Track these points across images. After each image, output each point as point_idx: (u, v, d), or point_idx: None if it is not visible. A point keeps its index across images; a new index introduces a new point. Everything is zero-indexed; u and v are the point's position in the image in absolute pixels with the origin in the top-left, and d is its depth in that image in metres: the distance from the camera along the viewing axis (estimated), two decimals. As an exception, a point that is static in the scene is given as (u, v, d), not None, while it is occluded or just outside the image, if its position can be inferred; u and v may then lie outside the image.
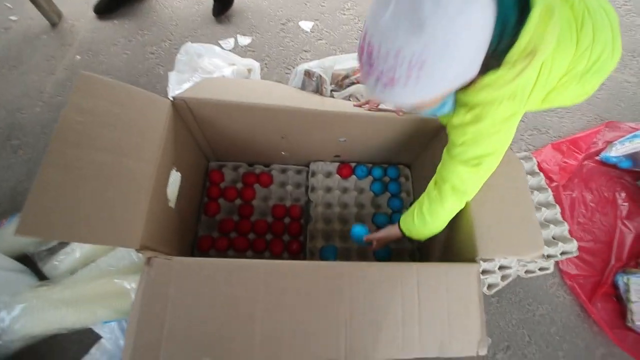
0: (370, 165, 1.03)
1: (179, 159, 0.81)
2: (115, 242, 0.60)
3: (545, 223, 0.95)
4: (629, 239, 1.13)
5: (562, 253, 0.93)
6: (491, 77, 0.47)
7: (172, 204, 0.78)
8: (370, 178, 1.02)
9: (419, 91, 0.41)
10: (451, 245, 0.74)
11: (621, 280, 1.06)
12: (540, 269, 0.98)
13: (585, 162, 1.26)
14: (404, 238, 0.73)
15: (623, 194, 1.21)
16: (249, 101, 0.76)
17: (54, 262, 0.89)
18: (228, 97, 0.76)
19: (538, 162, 1.20)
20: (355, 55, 1.04)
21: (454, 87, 0.44)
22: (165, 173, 0.74)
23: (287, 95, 0.82)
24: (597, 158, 1.27)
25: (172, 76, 1.15)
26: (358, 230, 0.82)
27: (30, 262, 0.92)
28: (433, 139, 0.87)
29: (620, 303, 1.06)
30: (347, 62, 1.08)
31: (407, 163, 1.06)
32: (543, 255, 0.95)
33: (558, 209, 0.99)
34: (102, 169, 0.61)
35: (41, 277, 0.92)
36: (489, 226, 0.66)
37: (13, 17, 1.38)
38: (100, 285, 0.81)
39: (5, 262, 0.89)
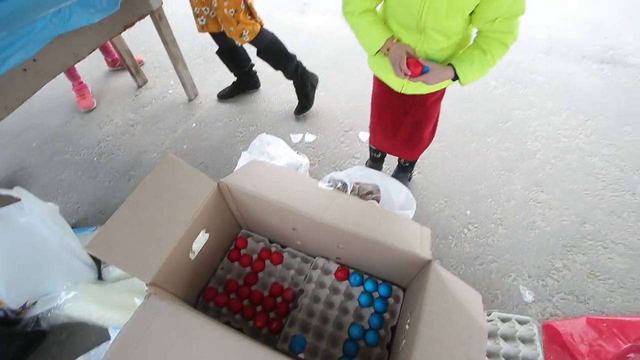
0: (366, 276, 1.11)
1: (212, 224, 1.06)
2: (135, 273, 0.83)
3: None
4: None
5: None
6: None
7: (192, 256, 1.01)
8: (361, 288, 1.09)
9: None
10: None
11: None
12: None
13: (631, 355, 1.06)
14: (455, 79, 0.88)
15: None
16: (267, 195, 0.98)
17: (109, 268, 1.20)
18: (254, 188, 1.00)
19: (561, 332, 1.07)
20: (380, 173, 1.21)
21: None
22: (195, 232, 0.98)
23: (300, 194, 1.01)
24: (650, 356, 1.06)
25: (244, 155, 1.50)
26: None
27: (98, 261, 1.25)
28: (421, 272, 0.93)
29: None
30: (374, 177, 1.25)
31: (403, 286, 1.10)
32: None
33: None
34: (153, 219, 0.88)
35: (99, 275, 1.24)
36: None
37: (170, 91, 2.03)
38: (124, 298, 1.06)
39: (83, 255, 1.22)
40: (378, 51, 0.94)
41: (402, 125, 1.18)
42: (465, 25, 0.86)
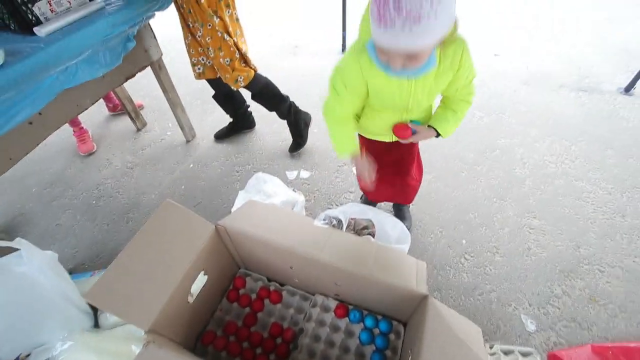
0: (366, 312, 1.11)
1: (210, 265, 1.06)
2: (133, 321, 0.83)
3: None
4: None
5: None
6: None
7: (191, 299, 1.01)
8: (362, 324, 1.08)
9: (438, 25, 0.60)
10: None
11: None
12: None
13: (641, 384, 1.04)
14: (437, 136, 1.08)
15: None
16: (263, 236, 1.00)
17: (106, 315, 1.18)
18: (251, 229, 1.02)
19: (567, 363, 1.05)
20: (374, 209, 1.24)
21: (447, 31, 0.65)
22: (193, 275, 0.99)
23: (296, 233, 1.03)
24: (660, 384, 1.04)
25: (241, 194, 1.53)
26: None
27: (95, 307, 1.23)
28: (419, 307, 0.93)
29: None
30: (368, 213, 1.28)
31: (404, 320, 1.09)
32: None
33: None
34: (152, 265, 0.90)
35: (96, 322, 1.21)
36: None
37: (169, 133, 2.10)
38: (122, 345, 1.04)
39: (80, 302, 1.21)
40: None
41: (395, 175, 1.29)
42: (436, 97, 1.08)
